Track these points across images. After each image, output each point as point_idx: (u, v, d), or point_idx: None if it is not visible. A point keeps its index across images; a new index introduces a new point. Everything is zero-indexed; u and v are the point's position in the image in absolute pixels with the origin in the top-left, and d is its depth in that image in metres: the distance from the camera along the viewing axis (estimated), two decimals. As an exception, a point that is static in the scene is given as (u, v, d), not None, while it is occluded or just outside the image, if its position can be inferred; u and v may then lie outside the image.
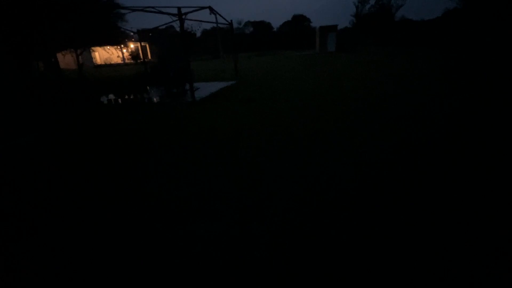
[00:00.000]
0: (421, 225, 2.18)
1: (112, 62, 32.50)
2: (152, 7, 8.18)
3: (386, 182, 2.83)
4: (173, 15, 7.92)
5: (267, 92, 8.41)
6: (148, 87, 9.90)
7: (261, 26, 52.37)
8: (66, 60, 25.40)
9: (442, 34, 28.00)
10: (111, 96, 9.00)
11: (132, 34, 18.99)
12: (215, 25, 11.33)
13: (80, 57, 18.27)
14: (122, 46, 30.95)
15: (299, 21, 52.36)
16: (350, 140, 4.03)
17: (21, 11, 9.96)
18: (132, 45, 32.12)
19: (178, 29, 8.23)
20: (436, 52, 17.56)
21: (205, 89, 9.35)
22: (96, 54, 32.37)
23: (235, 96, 8.09)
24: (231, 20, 11.71)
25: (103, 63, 32.79)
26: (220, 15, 10.39)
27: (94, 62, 31.72)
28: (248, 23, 55.41)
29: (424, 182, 2.78)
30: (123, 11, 16.08)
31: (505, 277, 1.72)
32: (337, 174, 3.07)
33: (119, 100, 8.10)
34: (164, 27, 14.21)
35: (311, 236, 2.14)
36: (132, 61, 31.63)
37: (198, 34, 43.44)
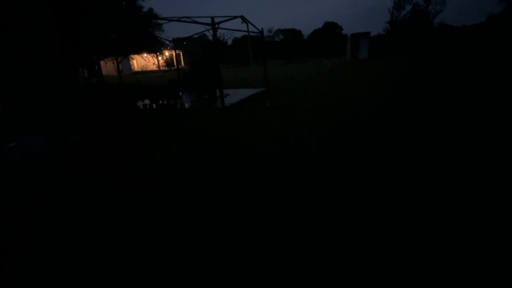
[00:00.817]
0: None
1: (148, 69, 34.33)
2: (187, 17, 8.59)
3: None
4: (207, 24, 8.26)
5: (295, 99, 8.42)
6: (180, 93, 10.33)
7: (292, 34, 52.55)
8: (107, 67, 27.30)
9: (485, 40, 26.23)
10: (147, 101, 9.53)
11: (167, 42, 20.00)
12: (246, 33, 11.61)
13: (120, 64, 19.58)
14: (158, 54, 32.63)
15: (331, 28, 51.83)
16: (370, 148, 3.94)
17: (71, 23, 10.93)
18: (167, 53, 33.72)
19: (210, 37, 8.55)
20: (479, 59, 16.49)
21: (234, 95, 9.57)
22: (134, 61, 34.38)
23: (263, 102, 8.19)
24: (262, 28, 11.92)
25: (140, 69, 34.75)
26: (251, 23, 10.64)
27: (132, 68, 33.70)
28: (279, 31, 55.87)
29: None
30: (160, 21, 17.04)
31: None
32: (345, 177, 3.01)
33: (154, 105, 8.55)
34: (197, 35, 14.80)
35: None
36: (166, 68, 33.18)
37: (229, 42, 44.58)
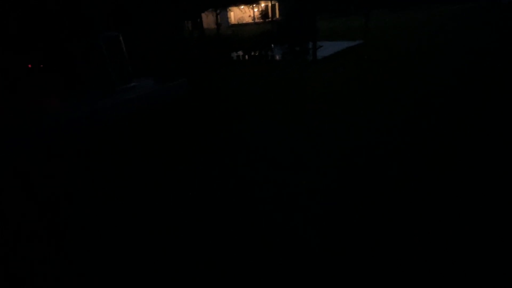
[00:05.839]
0: None
1: (244, 22, 34.77)
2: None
3: None
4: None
5: (395, 55, 7.22)
6: (272, 45, 10.22)
7: (408, -25, 43.59)
8: (207, 20, 28.86)
9: None
10: (240, 53, 9.84)
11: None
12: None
13: (218, 16, 20.34)
14: (254, 5, 32.37)
15: (464, -37, 40.61)
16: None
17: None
18: (263, 4, 33.10)
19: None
20: None
21: (328, 48, 8.90)
22: (232, 13, 35.22)
23: (358, 56, 7.39)
24: (370, -32, 10.22)
25: (236, 22, 35.52)
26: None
27: (229, 21, 34.73)
28: (391, -28, 47.12)
29: None
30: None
31: None
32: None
33: (246, 56, 8.78)
34: (295, -18, 13.83)
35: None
36: (261, 20, 32.86)
37: (330, -11, 40.24)
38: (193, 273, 1.68)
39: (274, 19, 24.38)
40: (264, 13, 32.54)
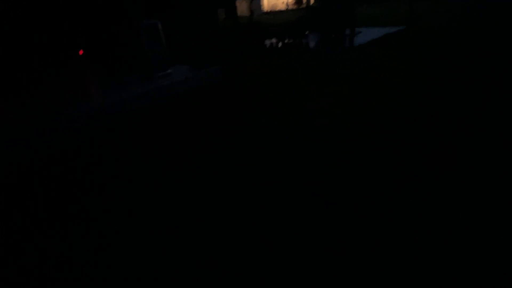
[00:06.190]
0: None
1: (277, 9, 34.10)
2: None
3: None
4: None
5: (441, 43, 6.54)
6: (306, 32, 9.93)
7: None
8: (241, 7, 28.68)
9: None
10: (273, 40, 9.70)
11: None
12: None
13: (251, 4, 20.15)
14: (289, -10, 31.58)
15: None
16: None
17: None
18: (297, -10, 32.11)
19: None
20: None
21: (366, 34, 8.46)
22: (265, 0, 34.67)
23: (397, 44, 6.93)
24: None
25: (269, 9, 34.95)
26: None
27: (262, 9, 34.26)
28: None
29: None
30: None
31: None
32: None
33: (280, 44, 8.65)
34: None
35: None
36: (295, 6, 31.98)
37: (370, -29, 37.89)
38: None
39: (308, 5, 23.56)
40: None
